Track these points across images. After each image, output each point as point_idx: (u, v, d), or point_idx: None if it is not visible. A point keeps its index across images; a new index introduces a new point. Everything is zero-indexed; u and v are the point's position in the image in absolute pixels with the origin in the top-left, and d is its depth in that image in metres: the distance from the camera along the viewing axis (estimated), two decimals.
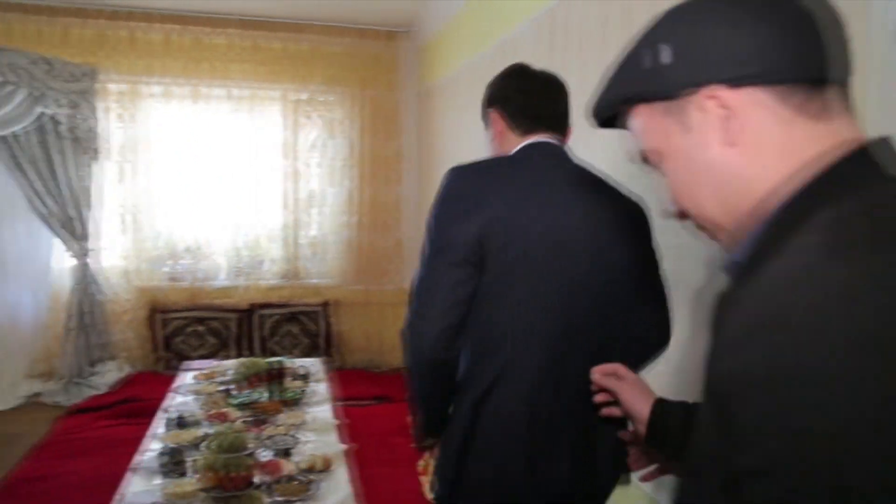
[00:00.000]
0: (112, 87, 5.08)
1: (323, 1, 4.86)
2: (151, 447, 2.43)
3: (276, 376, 3.00)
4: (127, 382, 4.96)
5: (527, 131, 1.54)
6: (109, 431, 4.06)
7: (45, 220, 4.72)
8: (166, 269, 5.38)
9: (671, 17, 0.72)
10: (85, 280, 4.89)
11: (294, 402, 2.93)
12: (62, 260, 4.99)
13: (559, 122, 1.57)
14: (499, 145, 1.58)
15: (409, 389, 1.57)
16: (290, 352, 5.24)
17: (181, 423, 2.63)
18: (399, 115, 5.55)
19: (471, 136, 3.69)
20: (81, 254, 4.87)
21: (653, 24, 0.74)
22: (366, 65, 5.44)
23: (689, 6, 0.72)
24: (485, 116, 1.63)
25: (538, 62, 1.73)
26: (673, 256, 1.67)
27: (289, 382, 3.11)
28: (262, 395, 2.96)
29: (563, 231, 1.42)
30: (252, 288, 5.41)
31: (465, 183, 1.47)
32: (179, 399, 3.00)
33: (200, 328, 5.27)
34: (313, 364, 3.53)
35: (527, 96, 1.56)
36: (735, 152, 0.68)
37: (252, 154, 5.34)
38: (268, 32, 5.23)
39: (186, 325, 5.26)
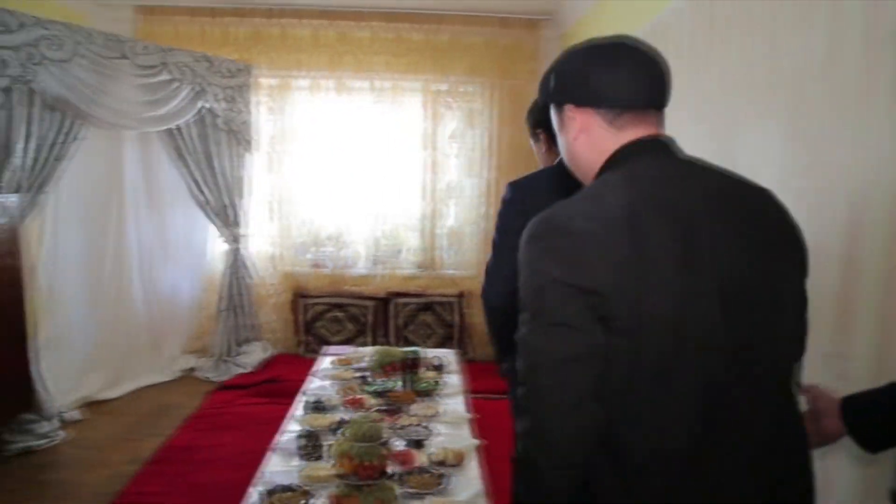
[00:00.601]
0: (264, 81, 5.36)
1: None
2: (290, 428, 2.49)
3: (410, 366, 2.99)
4: (270, 363, 5.23)
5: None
6: (253, 409, 4.28)
7: (203, 207, 5.05)
8: (309, 256, 5.61)
9: (562, 56, 1.25)
10: (236, 265, 5.19)
11: (427, 393, 2.91)
12: (216, 245, 5.34)
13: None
14: None
15: None
16: (424, 342, 5.30)
17: (319, 406, 2.69)
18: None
19: None
20: (233, 240, 5.18)
21: (556, 58, 1.27)
22: (506, 54, 5.35)
23: (570, 51, 1.24)
24: None
25: (695, 45, 1.58)
26: None
27: (423, 373, 3.10)
28: (396, 383, 2.97)
29: None
30: (389, 276, 5.51)
31: None
32: (318, 383, 3.07)
33: (340, 314, 5.44)
34: (447, 355, 3.50)
35: None
36: (579, 143, 1.23)
37: (392, 145, 5.43)
38: (410, 24, 5.28)
39: (327, 310, 5.44)
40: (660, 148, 1.16)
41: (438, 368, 3.24)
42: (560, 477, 1.07)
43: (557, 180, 1.89)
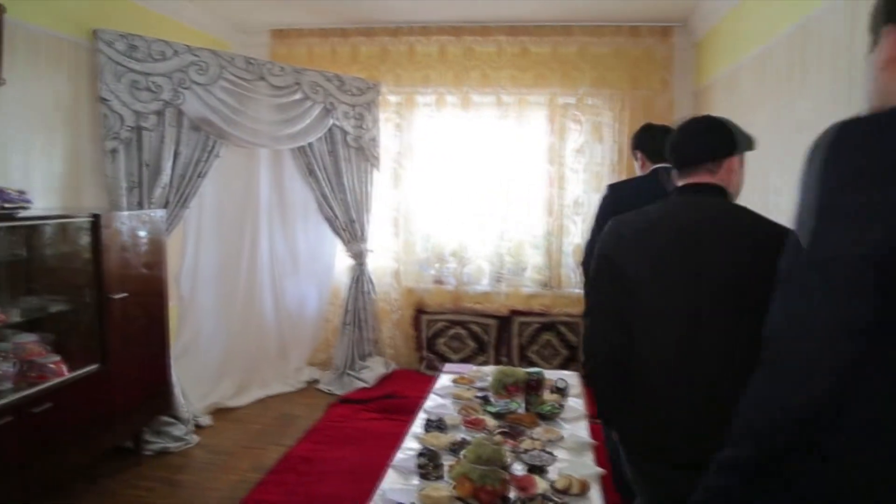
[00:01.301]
0: (391, 98, 5.49)
1: (592, 1, 4.71)
2: (409, 446, 2.46)
3: (533, 387, 2.90)
4: (390, 378, 5.28)
5: None
6: (372, 424, 4.33)
7: (331, 223, 5.22)
8: (432, 272, 5.65)
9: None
10: (360, 279, 5.32)
11: (549, 417, 2.81)
12: (342, 260, 5.49)
13: None
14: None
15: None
16: (547, 362, 5.16)
17: (439, 425, 2.65)
18: (672, 115, 5.17)
19: (759, 136, 3.25)
20: (358, 255, 5.31)
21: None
22: (636, 64, 5.17)
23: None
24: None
25: (842, 48, 1.38)
26: None
27: (546, 395, 3.00)
28: (518, 405, 2.89)
29: None
30: (512, 294, 5.43)
31: None
32: (437, 401, 3.04)
33: (461, 331, 5.43)
34: (570, 377, 3.37)
35: None
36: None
37: (517, 160, 5.38)
38: (535, 37, 5.23)
39: (448, 327, 5.45)
40: None
41: (561, 391, 3.12)
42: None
43: (647, 187, 2.75)
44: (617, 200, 2.81)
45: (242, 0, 4.76)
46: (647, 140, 3.00)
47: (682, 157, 1.81)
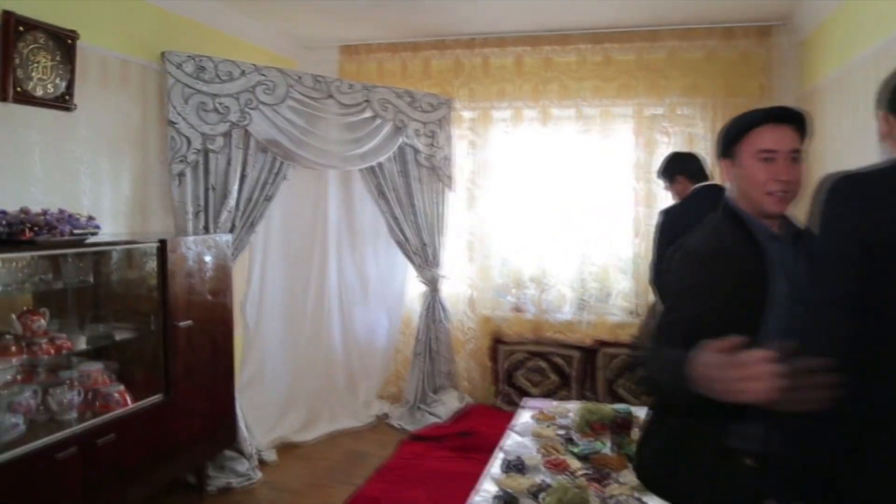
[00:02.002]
0: (465, 114, 5.51)
1: (682, 2, 4.58)
2: (486, 488, 2.39)
3: (622, 426, 2.78)
4: (465, 414, 5.21)
5: None
6: (445, 463, 4.26)
7: (402, 246, 5.24)
8: (510, 299, 5.57)
9: None
10: (433, 306, 5.30)
11: None
12: (414, 286, 5.49)
13: None
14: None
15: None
16: (638, 398, 4.97)
17: (518, 466, 2.56)
18: None
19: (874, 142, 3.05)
20: (431, 280, 5.30)
21: None
22: (732, 69, 4.98)
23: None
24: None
25: None
26: None
27: (635, 434, 2.86)
28: (605, 446, 2.77)
29: None
30: (598, 323, 5.29)
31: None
32: (516, 439, 2.96)
33: (542, 363, 5.31)
34: None
35: None
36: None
37: (601, 177, 5.27)
38: (620, 44, 5.13)
39: (528, 358, 5.34)
40: None
41: None
42: None
43: (695, 206, 3.16)
44: (673, 223, 3.40)
45: (309, 15, 4.88)
46: (684, 164, 3.83)
47: None
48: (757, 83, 4.95)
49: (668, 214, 3.62)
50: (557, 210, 5.34)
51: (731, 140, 1.72)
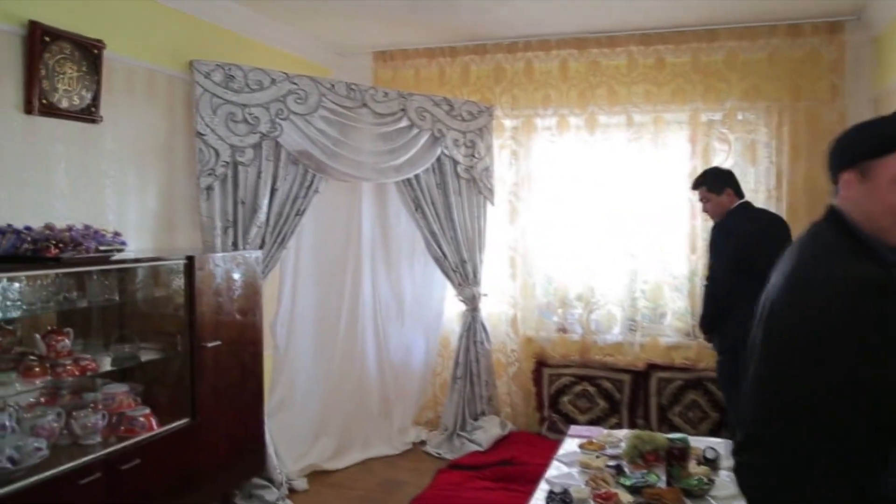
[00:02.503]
0: (507, 122, 5.53)
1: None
2: None
3: (677, 457, 2.74)
4: (506, 441, 5.18)
5: None
6: (485, 494, 4.23)
7: (440, 263, 5.26)
8: (555, 319, 5.54)
9: None
10: (473, 327, 5.30)
11: (698, 494, 2.64)
12: (452, 305, 5.50)
13: None
14: None
15: None
16: (694, 427, 4.90)
17: (564, 499, 2.54)
18: (845, 128, 4.83)
19: None
20: (471, 299, 5.30)
21: None
22: (798, 69, 4.90)
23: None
24: None
25: None
26: None
27: (692, 467, 2.85)
28: (658, 478, 2.74)
29: None
30: (650, 345, 5.22)
31: None
32: (562, 470, 2.94)
33: (590, 388, 5.26)
34: (722, 445, 3.15)
35: None
36: None
37: (653, 188, 5.23)
38: (674, 45, 5.10)
39: (574, 383, 5.30)
40: None
41: (711, 462, 2.96)
42: None
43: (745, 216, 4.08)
44: (748, 245, 3.80)
45: (342, 20, 4.96)
46: (732, 178, 4.20)
47: None
48: (827, 84, 4.86)
49: (734, 233, 3.98)
50: (606, 224, 5.31)
51: (867, 153, 1.51)
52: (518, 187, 5.54)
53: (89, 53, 3.41)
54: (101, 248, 3.10)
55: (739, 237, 3.93)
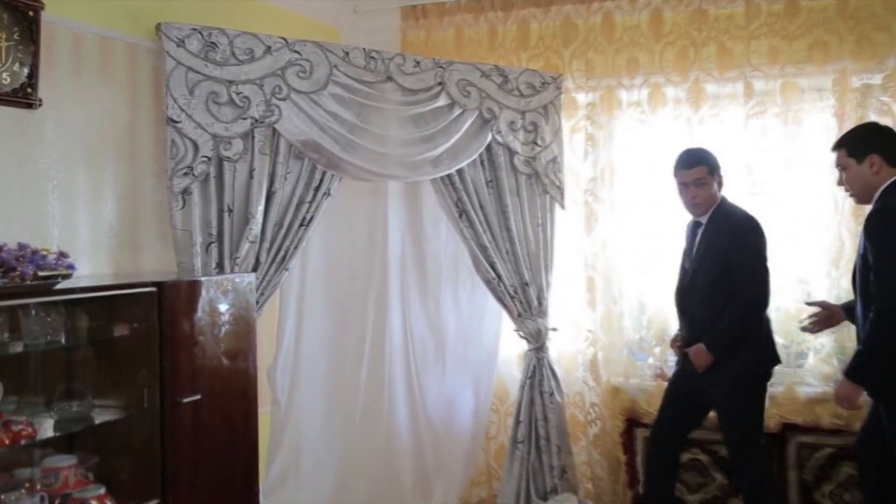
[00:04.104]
0: (580, 97, 5.44)
1: None
2: None
3: None
4: None
5: None
6: None
7: (493, 286, 5.15)
8: (651, 361, 5.42)
9: None
10: (538, 372, 5.18)
11: None
12: (509, 343, 5.42)
13: None
14: None
15: None
16: None
17: None
18: None
19: None
20: (536, 335, 5.18)
21: None
22: None
23: None
24: None
25: None
26: None
27: None
28: None
29: None
30: (785, 398, 5.05)
31: None
32: None
33: (702, 457, 5.15)
34: None
35: None
36: None
37: (781, 180, 5.11)
38: None
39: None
40: None
41: None
42: None
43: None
44: None
45: None
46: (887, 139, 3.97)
47: None
48: None
49: None
50: None
51: None
52: (596, 184, 5.43)
53: (22, 16, 3.34)
54: (42, 273, 3.06)
55: None
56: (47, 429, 3.19)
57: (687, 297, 4.56)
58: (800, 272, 5.12)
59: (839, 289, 4.92)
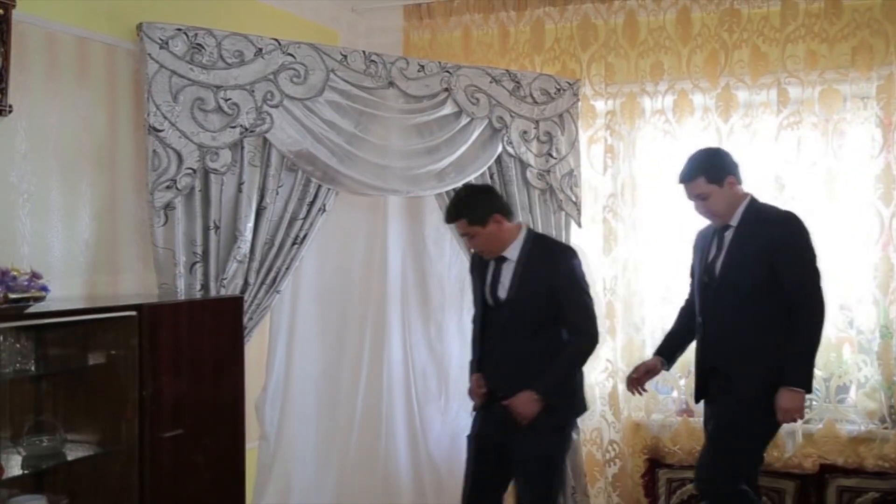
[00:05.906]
0: (599, 105, 5.48)
1: None
2: None
3: None
4: None
5: None
6: None
7: None
8: (676, 395, 5.46)
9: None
10: None
11: None
12: None
13: None
14: None
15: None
16: None
17: None
18: None
19: None
20: None
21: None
22: None
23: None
24: None
25: None
26: None
27: None
28: None
29: None
30: (825, 436, 5.08)
31: None
32: None
33: None
34: None
35: None
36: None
37: (822, 198, 5.14)
38: None
39: None
40: None
41: None
42: None
43: None
44: None
45: None
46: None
47: None
48: None
49: None
50: None
51: None
52: (616, 200, 5.49)
53: None
54: (12, 295, 3.08)
55: None
56: (14, 466, 3.20)
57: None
58: (841, 298, 5.13)
59: (886, 317, 4.95)
